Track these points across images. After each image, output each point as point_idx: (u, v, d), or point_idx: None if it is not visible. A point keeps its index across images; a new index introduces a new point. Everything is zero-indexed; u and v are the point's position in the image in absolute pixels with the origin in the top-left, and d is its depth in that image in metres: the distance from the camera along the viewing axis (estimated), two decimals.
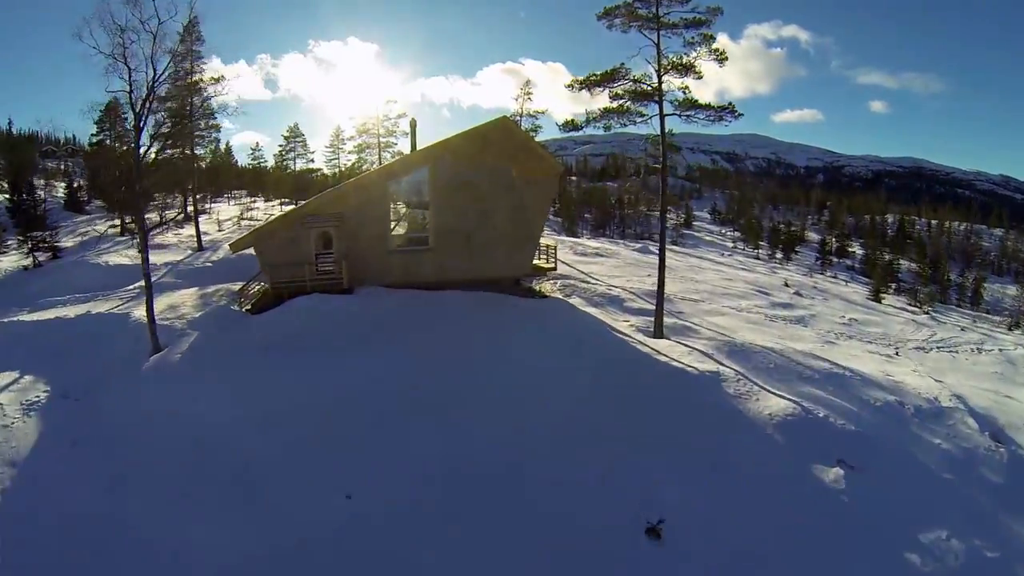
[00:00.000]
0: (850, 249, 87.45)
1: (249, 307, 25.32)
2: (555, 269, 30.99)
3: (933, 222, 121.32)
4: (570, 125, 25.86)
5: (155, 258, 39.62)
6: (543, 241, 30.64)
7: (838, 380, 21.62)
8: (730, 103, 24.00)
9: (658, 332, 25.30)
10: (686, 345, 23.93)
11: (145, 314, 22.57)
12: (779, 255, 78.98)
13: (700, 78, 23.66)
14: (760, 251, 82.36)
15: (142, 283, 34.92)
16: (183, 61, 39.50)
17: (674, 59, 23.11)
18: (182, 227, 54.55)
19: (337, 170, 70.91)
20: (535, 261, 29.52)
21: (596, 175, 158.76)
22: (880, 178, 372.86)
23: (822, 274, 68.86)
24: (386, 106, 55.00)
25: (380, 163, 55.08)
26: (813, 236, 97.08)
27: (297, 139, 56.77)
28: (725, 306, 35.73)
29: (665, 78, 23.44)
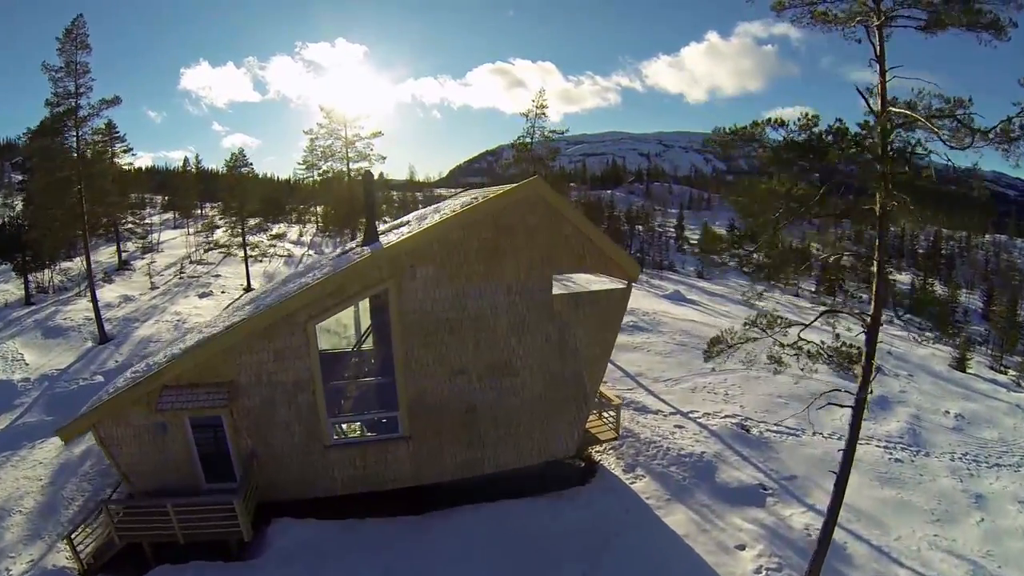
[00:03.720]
0: (889, 276, 75.04)
1: (85, 568, 12.87)
2: (616, 438, 18.26)
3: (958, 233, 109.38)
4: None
5: (35, 358, 27.45)
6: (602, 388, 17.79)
7: None
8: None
9: None
10: None
11: None
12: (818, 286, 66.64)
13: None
14: (792, 278, 70.09)
15: None
16: (66, 78, 26.78)
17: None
18: (114, 277, 42.54)
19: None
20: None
21: (596, 181, 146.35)
22: None
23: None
24: (357, 122, 41.74)
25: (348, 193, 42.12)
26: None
27: (242, 167, 44.47)
28: (830, 435, 24.22)
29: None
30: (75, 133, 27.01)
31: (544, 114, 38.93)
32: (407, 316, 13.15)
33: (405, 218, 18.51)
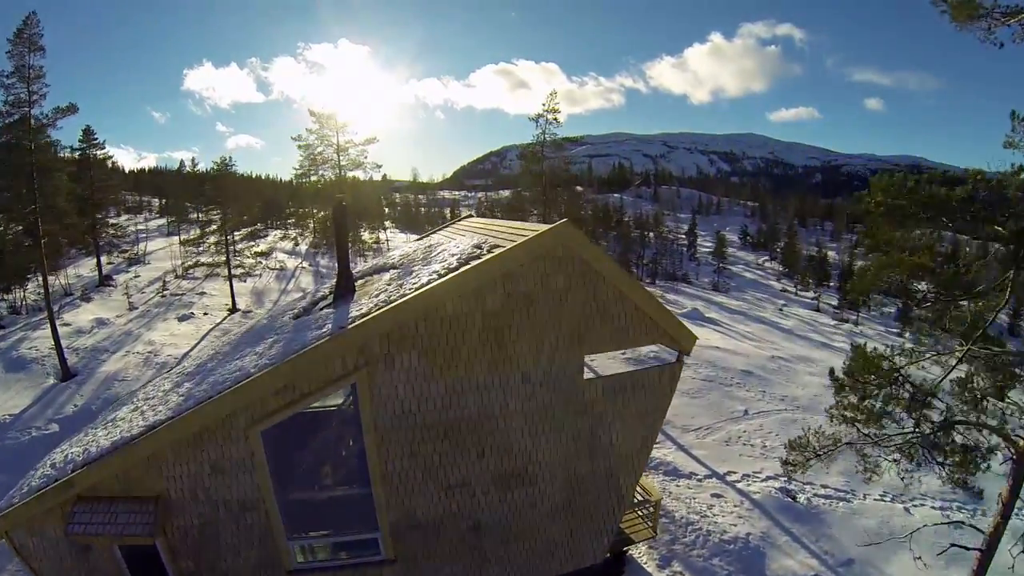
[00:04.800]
0: (911, 288, 70.99)
1: None
2: (653, 537, 14.75)
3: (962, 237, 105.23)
4: None
5: None
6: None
7: None
8: None
9: None
10: None
11: None
12: (835, 298, 63.01)
13: None
14: (806, 286, 66.74)
15: None
16: (18, 84, 23.48)
17: None
18: (92, 295, 39.25)
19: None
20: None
21: (602, 184, 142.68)
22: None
23: (900, 336, 53.05)
24: (350, 128, 38.28)
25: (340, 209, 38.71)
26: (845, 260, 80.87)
27: (220, 174, 41.30)
28: (881, 496, 21.21)
29: None
30: (29, 146, 23.64)
31: (556, 119, 35.49)
32: (384, 419, 9.75)
33: (390, 256, 14.97)
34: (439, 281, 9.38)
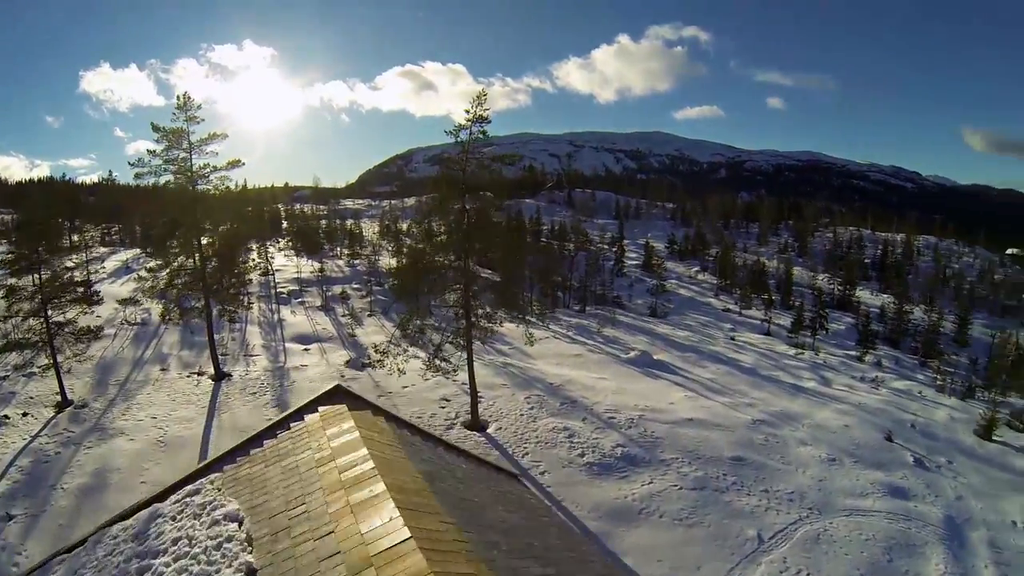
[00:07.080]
0: (853, 298, 67.44)
1: None
2: None
3: (894, 236, 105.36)
4: None
5: None
6: None
7: None
8: None
9: None
10: None
11: None
12: (784, 317, 58.39)
13: None
14: (748, 303, 62.17)
15: None
16: None
17: None
18: None
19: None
20: None
21: (510, 188, 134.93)
22: (780, 172, 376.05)
23: (861, 360, 48.52)
24: (208, 147, 28.63)
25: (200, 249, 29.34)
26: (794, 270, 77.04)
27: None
28: None
29: None
30: None
31: (484, 132, 26.62)
32: None
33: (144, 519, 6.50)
34: None
